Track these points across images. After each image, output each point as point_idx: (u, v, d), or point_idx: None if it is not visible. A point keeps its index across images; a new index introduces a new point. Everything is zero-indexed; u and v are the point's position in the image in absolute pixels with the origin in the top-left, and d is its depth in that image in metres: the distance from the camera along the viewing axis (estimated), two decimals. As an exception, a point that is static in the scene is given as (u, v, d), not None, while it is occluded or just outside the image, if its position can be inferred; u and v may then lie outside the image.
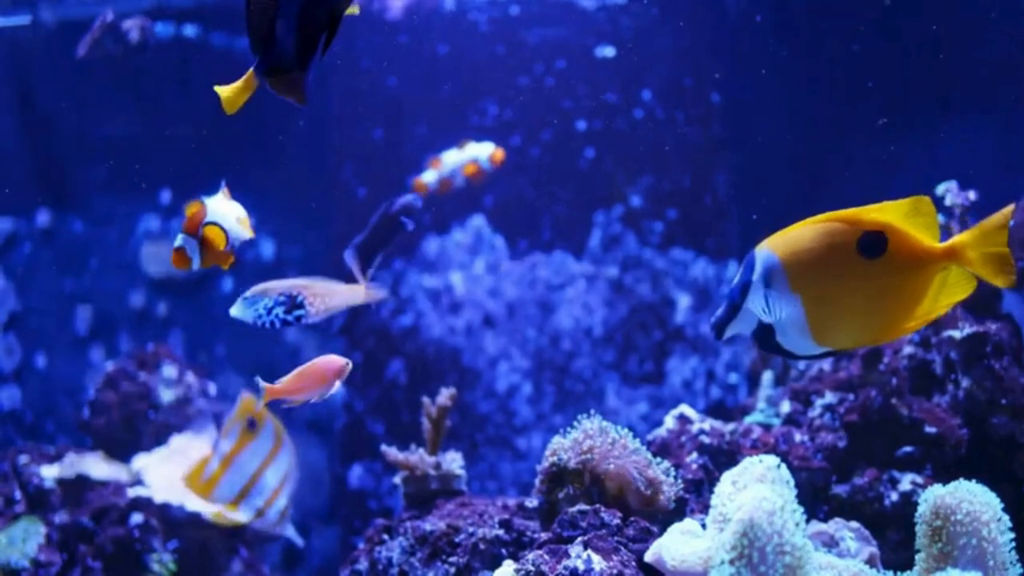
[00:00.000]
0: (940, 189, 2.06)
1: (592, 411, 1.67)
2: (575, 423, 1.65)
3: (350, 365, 1.79)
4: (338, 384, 1.75)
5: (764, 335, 1.43)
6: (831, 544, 1.55)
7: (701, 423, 1.97)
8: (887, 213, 1.39)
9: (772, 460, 1.19)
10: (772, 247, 1.41)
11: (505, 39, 3.59)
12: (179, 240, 1.51)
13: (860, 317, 1.41)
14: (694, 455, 1.86)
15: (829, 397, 2.02)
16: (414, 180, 2.68)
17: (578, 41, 3.56)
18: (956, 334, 1.91)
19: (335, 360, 1.79)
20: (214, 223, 1.52)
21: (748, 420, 2.08)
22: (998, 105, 3.38)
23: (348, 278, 1.82)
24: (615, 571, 1.37)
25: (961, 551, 1.23)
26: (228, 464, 2.14)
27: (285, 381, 1.84)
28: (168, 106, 3.93)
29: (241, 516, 2.16)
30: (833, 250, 1.39)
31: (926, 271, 1.38)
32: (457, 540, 1.62)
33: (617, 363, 3.45)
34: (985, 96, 3.37)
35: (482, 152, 2.69)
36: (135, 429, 3.04)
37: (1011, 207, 1.38)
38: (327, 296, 1.65)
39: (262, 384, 1.81)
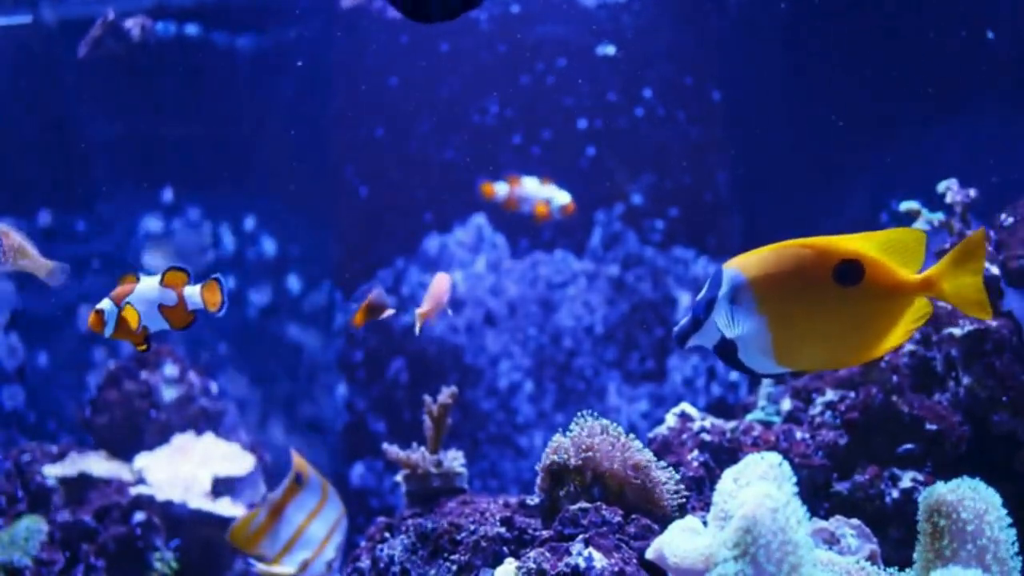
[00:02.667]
0: (941, 187, 2.06)
1: (593, 411, 1.67)
2: (576, 421, 1.65)
3: (452, 277, 1.92)
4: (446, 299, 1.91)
5: (725, 350, 1.44)
6: (832, 541, 1.55)
7: (702, 421, 1.97)
8: (865, 242, 1.39)
9: (774, 457, 1.19)
10: (740, 266, 1.42)
11: (506, 38, 3.59)
12: (103, 304, 1.63)
13: (826, 342, 1.42)
14: (695, 453, 1.86)
15: (830, 395, 2.02)
16: (485, 182, 2.70)
17: (579, 39, 3.56)
18: (957, 331, 1.91)
19: (441, 281, 1.94)
20: (132, 304, 1.63)
21: (749, 418, 2.08)
22: (1000, 102, 3.38)
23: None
24: (616, 569, 1.37)
25: (962, 548, 1.23)
26: (274, 517, 2.18)
27: (427, 304, 1.99)
28: (170, 105, 3.94)
29: (287, 569, 2.19)
30: (807, 275, 1.39)
31: (900, 302, 1.39)
32: (459, 538, 1.62)
33: (618, 361, 3.46)
34: (987, 93, 3.37)
35: (558, 198, 2.73)
36: (137, 428, 3.04)
37: (980, 232, 1.38)
38: (20, 254, 1.74)
39: (418, 312, 1.96)
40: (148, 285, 1.66)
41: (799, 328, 1.41)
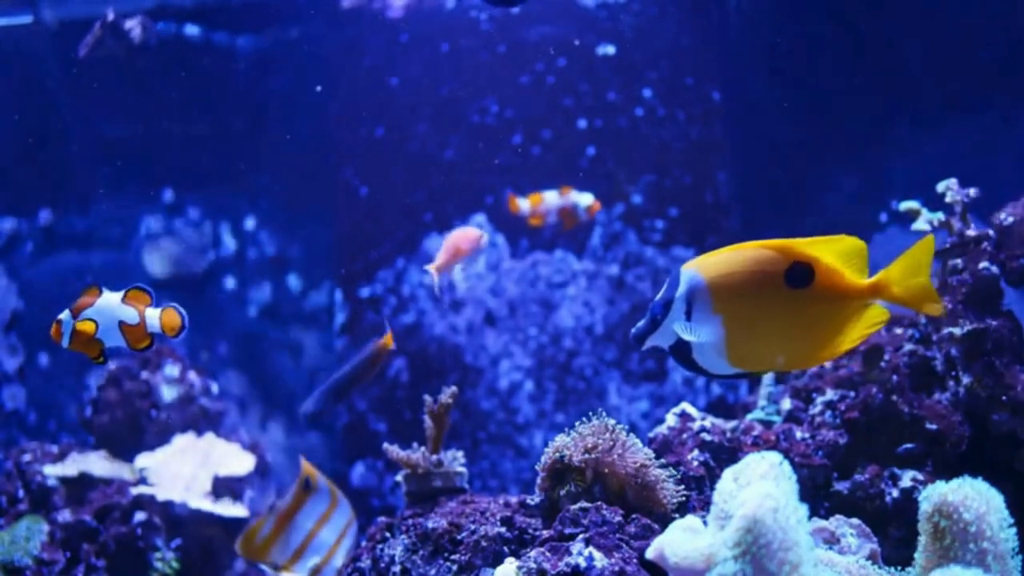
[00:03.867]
0: (941, 186, 2.06)
1: (600, 411, 1.67)
2: (580, 423, 1.65)
3: (485, 237, 1.90)
4: (479, 256, 1.92)
5: (681, 351, 1.47)
6: (832, 541, 1.55)
7: (702, 420, 1.97)
8: (817, 247, 1.43)
9: (775, 457, 1.19)
10: (698, 268, 1.45)
11: (506, 37, 3.60)
12: (63, 315, 1.66)
13: (778, 344, 1.45)
14: (695, 452, 1.86)
15: (830, 394, 2.02)
16: (511, 196, 2.72)
17: (579, 39, 3.57)
18: (957, 331, 1.91)
19: (472, 233, 1.93)
20: (91, 319, 1.65)
21: (749, 417, 2.08)
22: (1001, 102, 3.38)
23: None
24: (617, 568, 1.37)
25: (963, 548, 1.23)
26: (283, 525, 2.19)
27: (441, 257, 2.01)
28: (170, 105, 3.94)
29: (297, 575, 2.20)
30: (761, 277, 1.42)
31: (849, 305, 1.43)
32: (459, 538, 1.62)
33: (618, 361, 3.46)
34: (987, 93, 3.37)
35: (582, 201, 2.76)
36: (138, 427, 3.05)
37: (930, 237, 1.43)
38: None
39: (431, 267, 1.99)
40: (110, 300, 1.68)
41: (752, 329, 1.44)
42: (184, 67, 3.91)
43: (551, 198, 2.80)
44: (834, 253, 1.43)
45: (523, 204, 2.79)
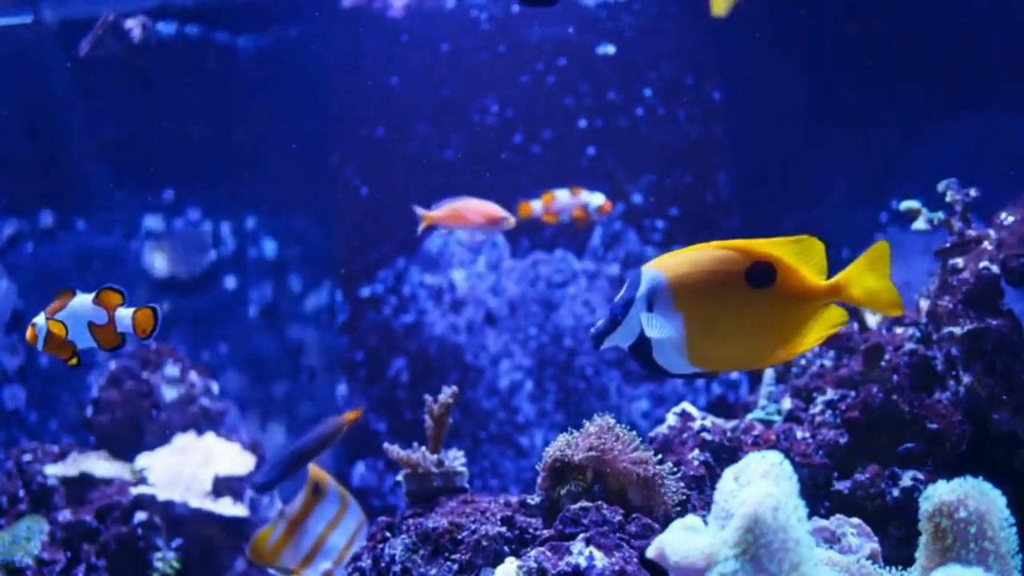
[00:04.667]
0: (940, 186, 2.06)
1: (604, 413, 1.67)
2: (583, 424, 1.65)
3: (510, 221, 1.88)
4: (496, 231, 1.93)
5: (640, 351, 1.47)
6: (833, 540, 1.55)
7: (703, 420, 1.97)
8: (777, 247, 1.44)
9: (775, 456, 1.19)
10: (659, 267, 1.46)
11: (506, 37, 3.60)
12: (37, 318, 1.67)
13: (737, 343, 1.46)
14: (696, 452, 1.86)
15: (831, 394, 2.02)
16: (521, 202, 2.74)
17: (579, 39, 3.57)
18: (957, 330, 1.91)
19: (493, 210, 1.93)
20: (61, 321, 1.67)
21: (750, 417, 2.08)
22: (1001, 101, 3.38)
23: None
24: (617, 568, 1.37)
25: (964, 548, 1.23)
26: (294, 529, 2.20)
27: (443, 209, 2.02)
28: (171, 105, 3.94)
29: None
30: (722, 277, 1.43)
31: (809, 306, 1.44)
32: (460, 537, 1.62)
33: (619, 360, 3.46)
34: (988, 92, 3.37)
35: (593, 200, 2.78)
36: (138, 427, 3.05)
37: (884, 243, 1.44)
38: None
39: (419, 210, 2.03)
40: (80, 302, 1.69)
41: (713, 328, 1.45)
42: (184, 67, 3.92)
43: (563, 197, 2.81)
44: (794, 253, 1.44)
45: (535, 205, 2.80)
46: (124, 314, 1.68)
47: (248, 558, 2.25)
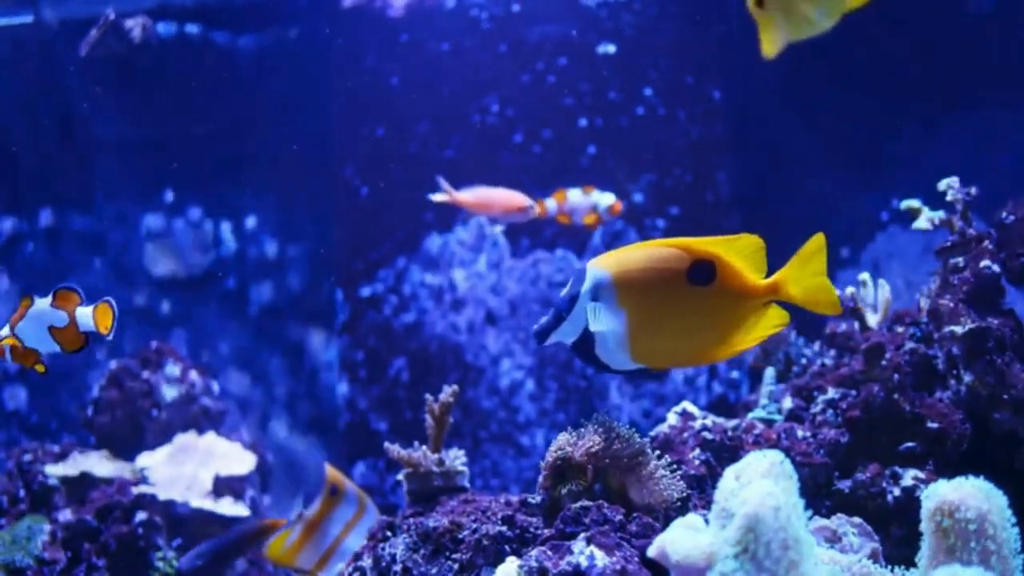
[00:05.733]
0: (942, 185, 2.06)
1: (605, 411, 1.67)
2: (582, 423, 1.65)
3: (535, 209, 1.87)
4: (519, 219, 1.96)
5: (584, 346, 1.49)
6: (834, 540, 1.55)
7: (704, 419, 1.97)
8: (719, 245, 1.46)
9: (776, 455, 1.19)
10: (604, 264, 1.48)
11: (506, 37, 3.60)
12: (3, 331, 1.66)
13: (678, 339, 1.49)
14: (697, 451, 1.86)
15: (831, 393, 2.02)
16: (538, 200, 2.75)
17: (579, 38, 3.56)
18: (958, 329, 1.91)
19: (518, 198, 1.95)
20: (15, 334, 1.66)
21: (750, 416, 2.08)
22: (1003, 100, 3.38)
23: None
24: (618, 567, 1.37)
25: (965, 547, 1.23)
26: (311, 531, 2.21)
27: (468, 193, 2.04)
28: (171, 105, 3.94)
29: None
30: (664, 274, 1.46)
31: (748, 304, 1.47)
32: (460, 537, 1.62)
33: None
34: (989, 91, 3.37)
35: (603, 201, 2.79)
36: (139, 427, 3.05)
37: (819, 236, 1.46)
38: None
39: (444, 184, 2.03)
40: (39, 308, 1.66)
41: (655, 324, 1.47)
42: (185, 67, 3.92)
43: (575, 196, 2.82)
44: (735, 252, 1.47)
45: (550, 204, 2.81)
46: (84, 313, 1.67)
47: (265, 556, 2.27)
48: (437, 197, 2.64)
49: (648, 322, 1.47)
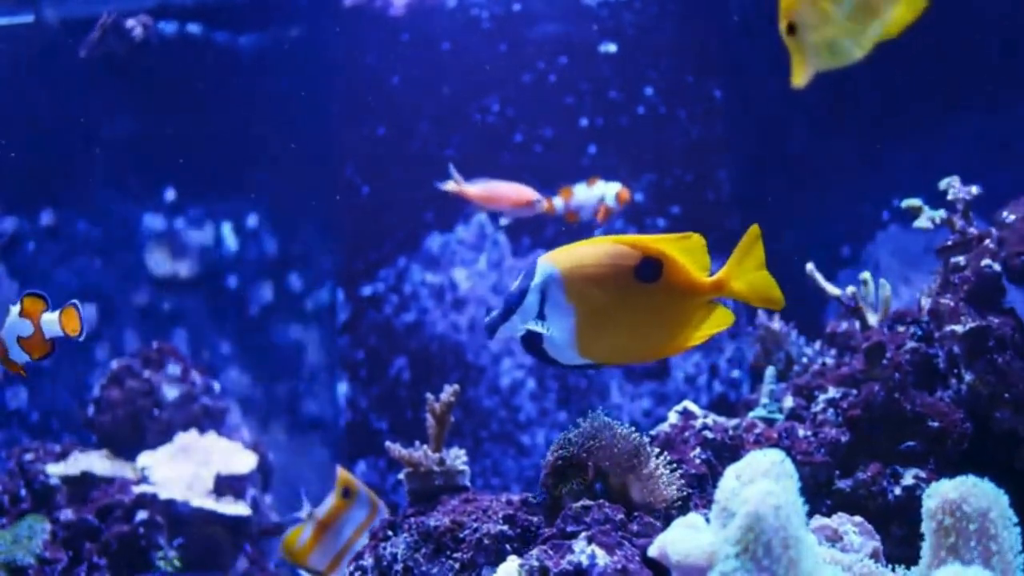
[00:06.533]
0: (943, 184, 2.06)
1: (599, 408, 1.68)
2: (580, 420, 1.66)
3: (543, 204, 1.88)
4: (527, 213, 1.98)
5: (532, 341, 1.51)
6: (835, 539, 1.55)
7: (704, 418, 1.97)
8: (666, 243, 1.48)
9: (777, 454, 1.19)
10: (553, 259, 1.51)
11: (507, 36, 3.60)
12: None
13: (625, 335, 1.50)
14: (697, 450, 1.86)
15: (832, 392, 2.02)
16: (545, 199, 2.75)
17: (580, 38, 3.56)
18: (959, 328, 1.91)
19: (526, 192, 1.97)
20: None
21: (751, 415, 2.08)
22: (1004, 99, 3.38)
23: None
24: (619, 566, 1.38)
25: (966, 546, 1.23)
26: (323, 531, 2.23)
27: (476, 186, 2.06)
28: (172, 104, 3.94)
29: None
30: (612, 270, 1.48)
31: (693, 301, 1.49)
32: (461, 536, 1.62)
33: (620, 359, 3.46)
34: (991, 90, 3.37)
35: (609, 192, 2.78)
36: (140, 427, 3.05)
37: (754, 228, 1.49)
38: None
39: (455, 174, 2.04)
40: (9, 317, 1.67)
41: (602, 320, 1.49)
42: (186, 66, 3.92)
43: (581, 192, 2.81)
44: (682, 250, 1.49)
45: (557, 202, 2.80)
46: (50, 319, 1.66)
47: (280, 553, 2.28)
48: (447, 186, 2.64)
49: (596, 317, 1.48)
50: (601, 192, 2.80)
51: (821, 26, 1.28)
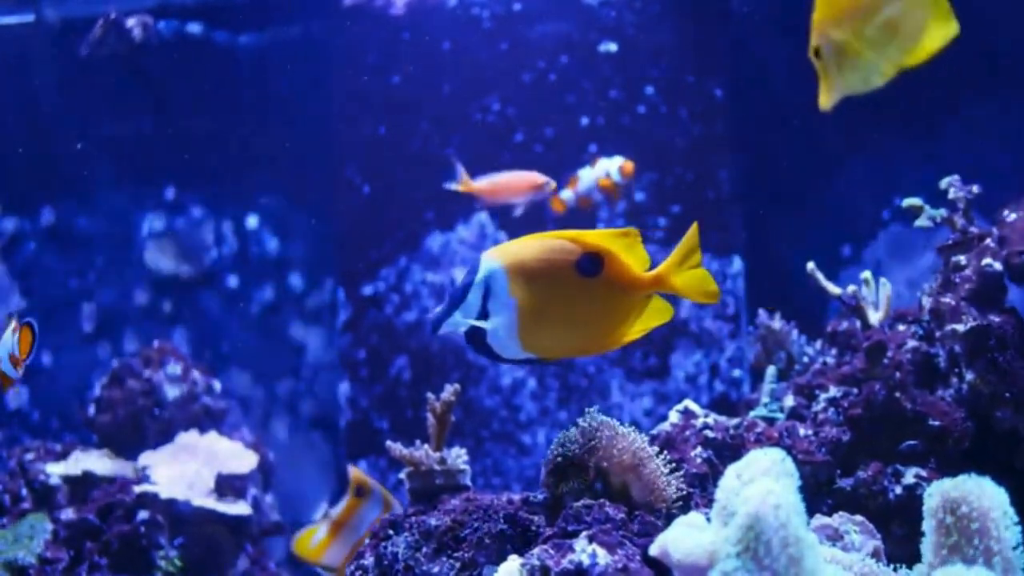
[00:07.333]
0: (943, 183, 2.06)
1: (596, 407, 1.68)
2: (579, 419, 1.66)
3: (551, 185, 1.89)
4: (539, 198, 1.99)
5: (476, 336, 1.52)
6: (836, 538, 1.55)
7: (705, 418, 1.97)
8: (606, 238, 1.50)
9: (778, 454, 1.19)
10: (496, 255, 1.52)
11: (508, 35, 3.59)
12: None
13: (567, 330, 1.53)
14: (698, 449, 1.86)
15: (833, 391, 2.02)
16: (553, 198, 2.74)
17: (581, 37, 3.56)
18: (960, 328, 1.91)
19: (534, 177, 1.97)
20: None
21: (752, 414, 2.08)
22: (1005, 98, 3.38)
23: None
24: (620, 565, 1.37)
25: (968, 545, 1.23)
26: (338, 530, 2.24)
27: (484, 182, 2.08)
28: (172, 103, 3.94)
29: None
30: (554, 264, 1.50)
31: (633, 296, 1.52)
32: (462, 535, 1.62)
33: (621, 358, 3.46)
34: (992, 89, 3.37)
35: (612, 166, 2.76)
36: (140, 426, 3.05)
37: (694, 228, 1.51)
38: None
39: (461, 172, 2.07)
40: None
41: (544, 314, 1.51)
42: (186, 65, 3.92)
43: (586, 174, 2.80)
44: (622, 246, 1.51)
45: (567, 194, 2.79)
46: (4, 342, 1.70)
47: (292, 550, 2.30)
48: (455, 186, 2.62)
49: (538, 312, 1.50)
50: (604, 168, 2.79)
51: (848, 50, 1.29)
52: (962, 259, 1.99)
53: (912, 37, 1.29)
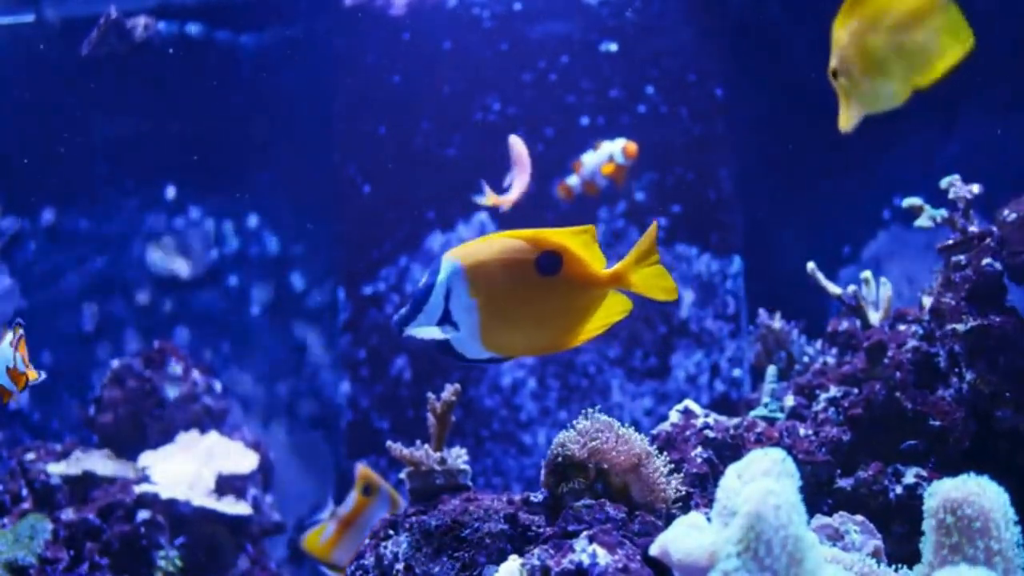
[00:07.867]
0: (944, 182, 2.06)
1: (597, 407, 1.68)
2: (579, 419, 1.66)
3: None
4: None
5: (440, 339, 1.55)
6: (836, 537, 1.55)
7: (705, 417, 1.97)
8: (564, 237, 1.52)
9: (778, 453, 1.19)
10: (457, 255, 1.54)
11: (508, 35, 3.59)
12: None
13: (528, 328, 1.54)
14: (699, 449, 1.86)
15: (833, 391, 2.02)
16: (559, 184, 2.73)
17: (581, 36, 3.56)
18: (960, 327, 1.91)
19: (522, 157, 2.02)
20: None
21: (752, 414, 2.08)
22: (1002, 99, 3.37)
23: None
24: (620, 565, 1.38)
25: (968, 545, 1.23)
26: (346, 528, 2.25)
27: (514, 190, 2.12)
28: (173, 103, 3.94)
29: None
30: (513, 264, 1.52)
31: (592, 293, 1.54)
32: (463, 535, 1.62)
33: (621, 358, 3.46)
34: (993, 89, 3.37)
35: (615, 148, 2.75)
36: (141, 426, 3.05)
37: (653, 226, 1.54)
38: None
39: (486, 188, 2.10)
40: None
41: (505, 314, 1.53)
42: (187, 65, 3.92)
43: (589, 158, 2.79)
44: (580, 244, 1.53)
45: (572, 181, 2.78)
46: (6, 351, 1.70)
47: (302, 547, 2.31)
48: (482, 200, 2.59)
49: (499, 311, 1.52)
50: (608, 151, 2.78)
51: (866, 71, 1.30)
52: (962, 259, 1.99)
53: (928, 56, 1.29)
